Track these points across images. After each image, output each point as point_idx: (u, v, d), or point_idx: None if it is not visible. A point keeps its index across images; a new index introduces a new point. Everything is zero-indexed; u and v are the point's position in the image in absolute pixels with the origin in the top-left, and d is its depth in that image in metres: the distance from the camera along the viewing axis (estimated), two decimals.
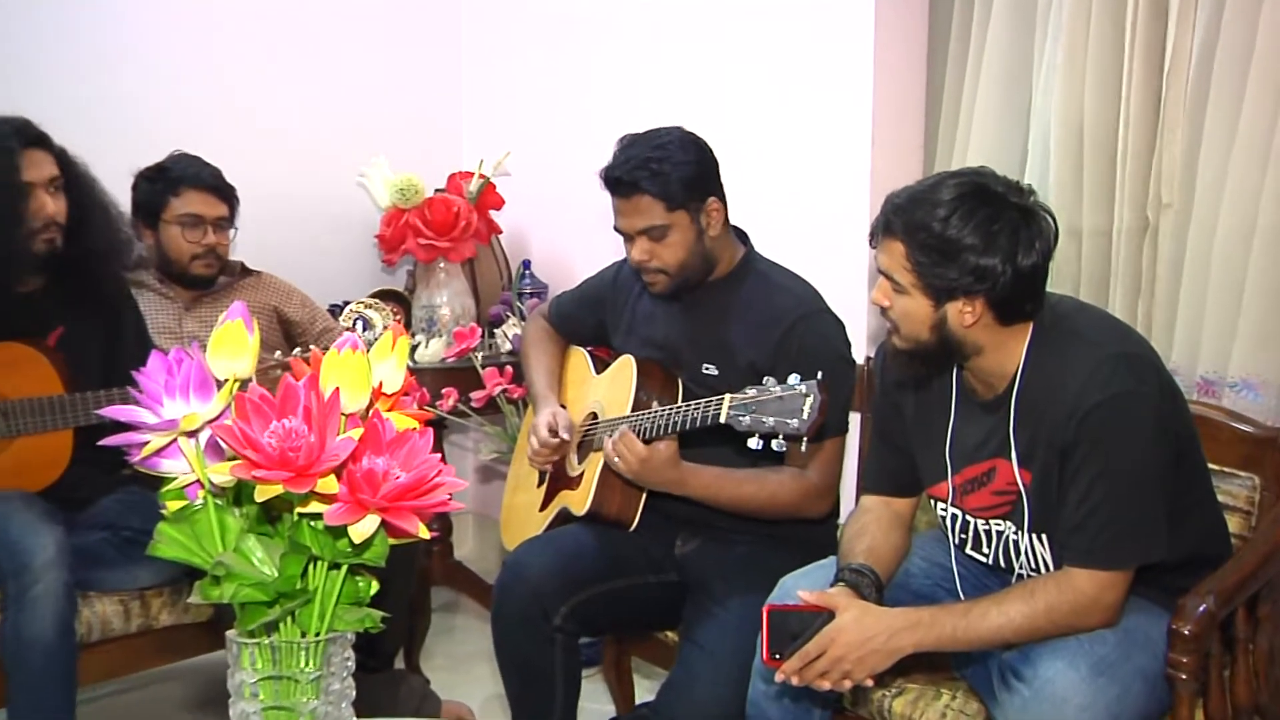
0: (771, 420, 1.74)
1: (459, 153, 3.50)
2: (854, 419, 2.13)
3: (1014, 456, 1.62)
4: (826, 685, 1.57)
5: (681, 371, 2.10)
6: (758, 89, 2.71)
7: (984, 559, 1.72)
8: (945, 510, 1.74)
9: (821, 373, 1.74)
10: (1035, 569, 1.64)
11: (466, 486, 3.30)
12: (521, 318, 2.99)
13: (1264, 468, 1.73)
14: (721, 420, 1.80)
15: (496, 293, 3.26)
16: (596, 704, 2.50)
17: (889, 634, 1.55)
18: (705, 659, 1.89)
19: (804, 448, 1.76)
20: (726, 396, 1.80)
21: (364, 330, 2.81)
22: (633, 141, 2.03)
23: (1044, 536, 1.62)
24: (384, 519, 1.01)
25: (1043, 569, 1.63)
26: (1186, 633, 1.49)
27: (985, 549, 1.71)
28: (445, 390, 2.72)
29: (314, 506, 1.02)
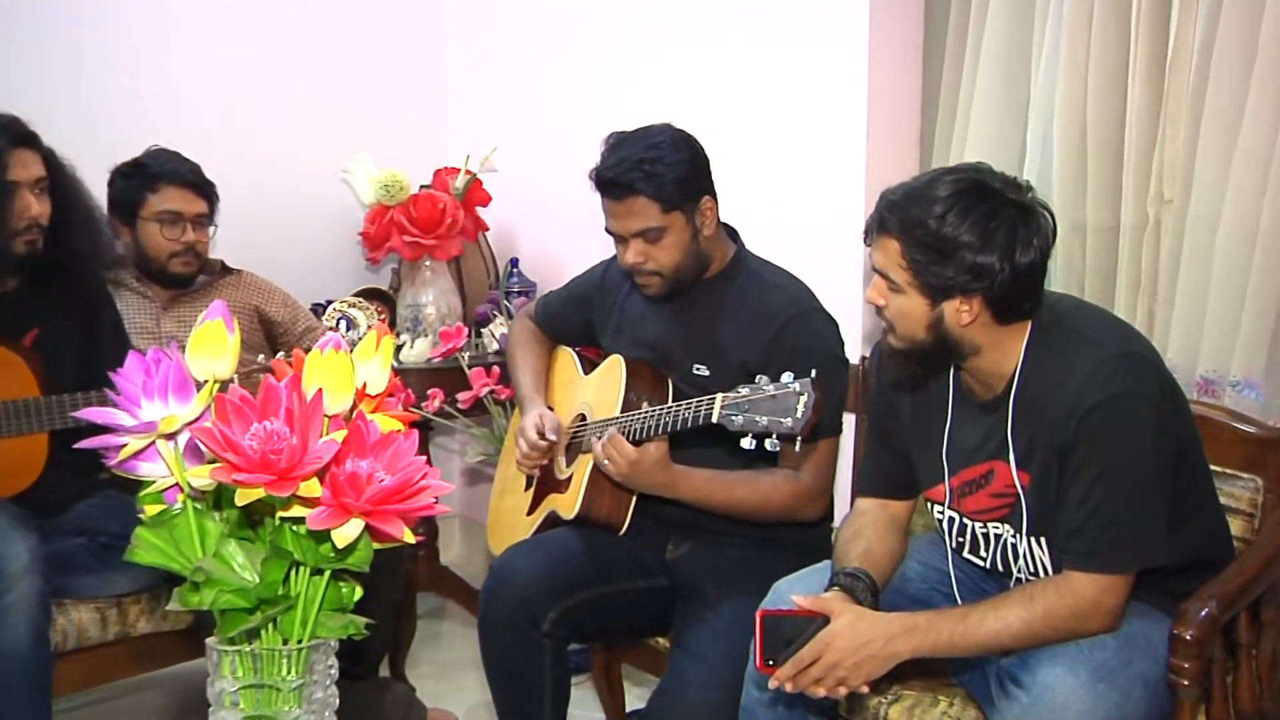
0: (764, 420, 1.72)
1: (445, 148, 3.46)
2: (849, 420, 2.12)
3: (1012, 458, 1.60)
4: (821, 692, 1.56)
5: (672, 373, 2.09)
6: (749, 83, 2.69)
7: (982, 563, 1.71)
8: (942, 513, 1.73)
9: (815, 371, 1.72)
10: (1034, 573, 1.63)
11: (452, 490, 3.26)
12: (509, 317, 2.97)
13: (1267, 469, 1.72)
14: (713, 420, 1.78)
15: (483, 291, 3.23)
16: (586, 712, 2.48)
17: (885, 639, 1.54)
18: (697, 665, 1.87)
19: (798, 448, 1.75)
20: (718, 396, 1.79)
21: (347, 330, 2.80)
22: (622, 141, 2.01)
23: (1043, 540, 1.60)
24: (368, 523, 1.01)
25: (1042, 573, 1.62)
26: (1188, 638, 1.48)
27: (983, 552, 1.69)
28: (431, 391, 2.70)
29: (296, 510, 1.02)
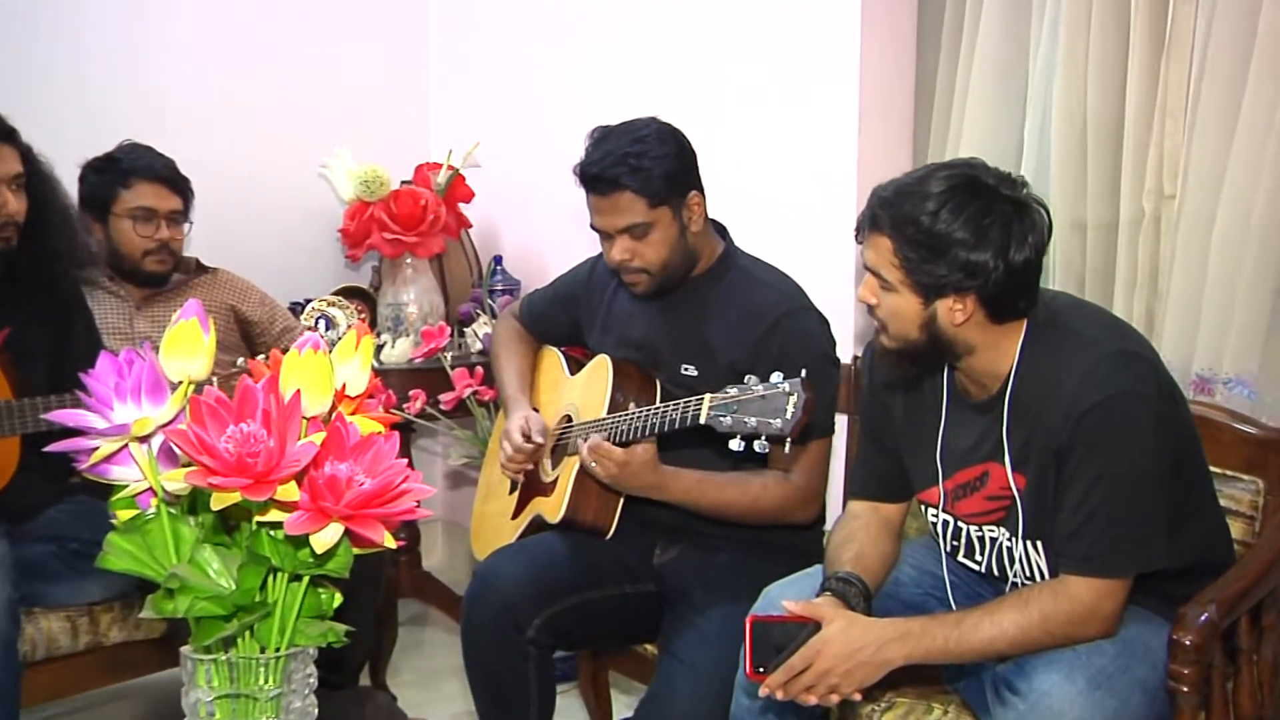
0: (754, 420, 1.71)
1: (426, 143, 3.44)
2: (841, 421, 2.10)
3: (1007, 460, 1.59)
4: (813, 700, 1.54)
5: (660, 372, 2.07)
6: (737, 76, 2.67)
7: (976, 567, 1.69)
8: (936, 516, 1.72)
9: (806, 370, 1.71)
10: (1030, 577, 1.62)
11: (435, 493, 3.28)
12: (493, 316, 2.96)
13: (1268, 471, 1.71)
14: (702, 421, 1.77)
15: (466, 290, 3.21)
16: None
17: (877, 646, 1.53)
18: (685, 672, 1.85)
19: (787, 449, 1.73)
20: (707, 396, 1.77)
21: (326, 329, 2.78)
22: (607, 135, 1.99)
23: (1039, 543, 1.59)
24: (348, 528, 1.00)
25: (1038, 577, 1.60)
26: (1188, 643, 1.47)
27: (978, 556, 1.68)
28: (413, 392, 2.68)
29: (273, 515, 1.01)
